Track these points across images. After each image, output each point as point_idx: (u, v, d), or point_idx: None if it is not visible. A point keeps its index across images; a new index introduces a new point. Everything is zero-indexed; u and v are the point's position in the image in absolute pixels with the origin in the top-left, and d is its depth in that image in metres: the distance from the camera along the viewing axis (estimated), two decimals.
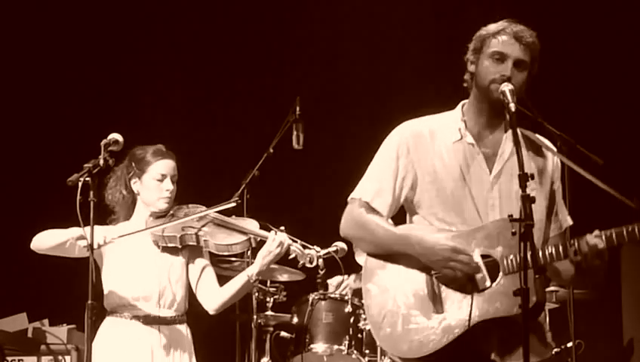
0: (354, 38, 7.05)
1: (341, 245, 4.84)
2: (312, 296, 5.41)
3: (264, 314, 5.48)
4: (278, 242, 4.43)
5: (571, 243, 3.23)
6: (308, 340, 5.35)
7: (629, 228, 3.17)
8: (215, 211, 4.53)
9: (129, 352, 4.38)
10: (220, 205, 4.55)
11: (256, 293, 5.34)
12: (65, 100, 6.96)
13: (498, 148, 3.38)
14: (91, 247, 3.96)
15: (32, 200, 6.57)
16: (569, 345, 5.64)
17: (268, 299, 5.52)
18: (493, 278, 3.24)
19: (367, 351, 5.32)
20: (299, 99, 5.63)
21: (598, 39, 6.56)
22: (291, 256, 4.53)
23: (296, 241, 4.52)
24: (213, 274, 4.54)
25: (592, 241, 3.19)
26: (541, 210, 3.35)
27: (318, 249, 4.61)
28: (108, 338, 4.41)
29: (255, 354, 5.38)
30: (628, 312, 6.68)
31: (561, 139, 4.69)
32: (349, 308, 5.35)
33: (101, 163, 4.00)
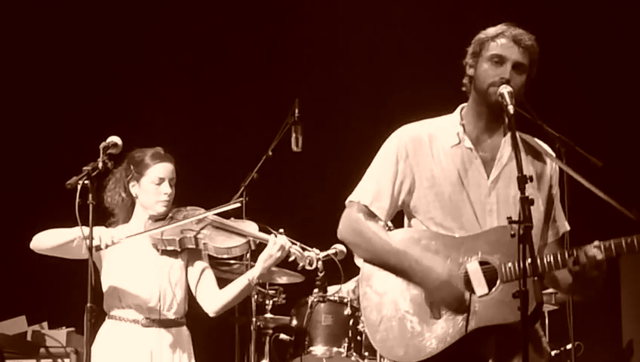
0: (353, 40, 7.05)
1: (340, 247, 4.83)
2: (312, 299, 5.39)
3: (263, 316, 5.47)
4: (279, 246, 4.43)
5: (570, 253, 3.22)
6: (307, 342, 5.34)
7: (627, 239, 3.19)
8: (218, 212, 4.52)
9: (128, 355, 4.38)
10: (224, 206, 4.55)
11: (256, 296, 5.35)
12: (64, 103, 6.95)
13: (496, 152, 3.37)
14: (90, 250, 3.95)
15: (31, 203, 6.56)
16: (568, 347, 5.65)
17: (267, 301, 5.51)
18: (491, 285, 3.23)
19: (366, 353, 5.31)
20: (298, 101, 5.63)
21: (597, 42, 6.56)
22: (291, 259, 4.53)
23: (296, 244, 4.53)
24: (212, 277, 4.54)
25: (591, 252, 3.19)
26: (538, 215, 3.33)
27: (317, 251, 4.61)
28: (107, 341, 4.40)
29: (254, 356, 5.39)
30: (627, 314, 6.68)
31: (560, 141, 4.69)
32: (348, 311, 5.34)
33: (100, 166, 3.99)
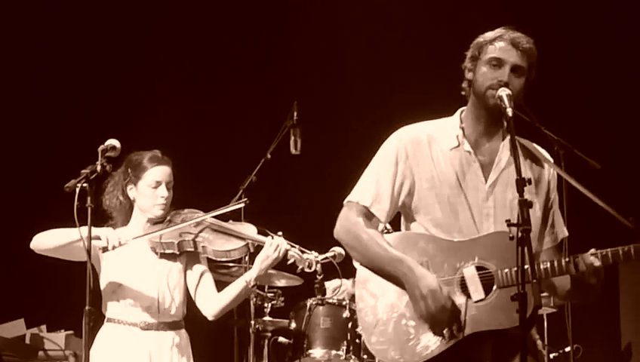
0: (352, 42, 7.05)
1: (339, 250, 4.81)
2: (310, 301, 5.39)
3: (262, 319, 5.47)
4: (275, 246, 4.42)
5: (568, 260, 3.22)
6: (306, 345, 5.33)
7: (624, 248, 3.20)
8: (218, 215, 4.52)
9: (127, 358, 4.37)
10: (227, 206, 4.55)
11: (254, 299, 5.34)
12: (63, 105, 6.95)
13: (495, 156, 3.37)
14: (89, 253, 3.94)
15: (29, 206, 6.55)
16: (567, 349, 5.66)
17: (266, 304, 5.50)
18: (487, 291, 3.22)
19: (364, 356, 5.30)
20: (296, 104, 5.63)
21: (596, 44, 6.57)
22: (290, 262, 4.52)
23: (295, 246, 4.52)
24: (211, 280, 4.54)
25: (589, 260, 3.19)
26: (535, 220, 3.31)
27: (316, 254, 4.61)
28: (106, 344, 4.40)
29: (253, 359, 5.39)
30: (626, 316, 6.68)
31: (559, 143, 4.70)
32: (346, 313, 5.34)
33: (98, 169, 3.99)
